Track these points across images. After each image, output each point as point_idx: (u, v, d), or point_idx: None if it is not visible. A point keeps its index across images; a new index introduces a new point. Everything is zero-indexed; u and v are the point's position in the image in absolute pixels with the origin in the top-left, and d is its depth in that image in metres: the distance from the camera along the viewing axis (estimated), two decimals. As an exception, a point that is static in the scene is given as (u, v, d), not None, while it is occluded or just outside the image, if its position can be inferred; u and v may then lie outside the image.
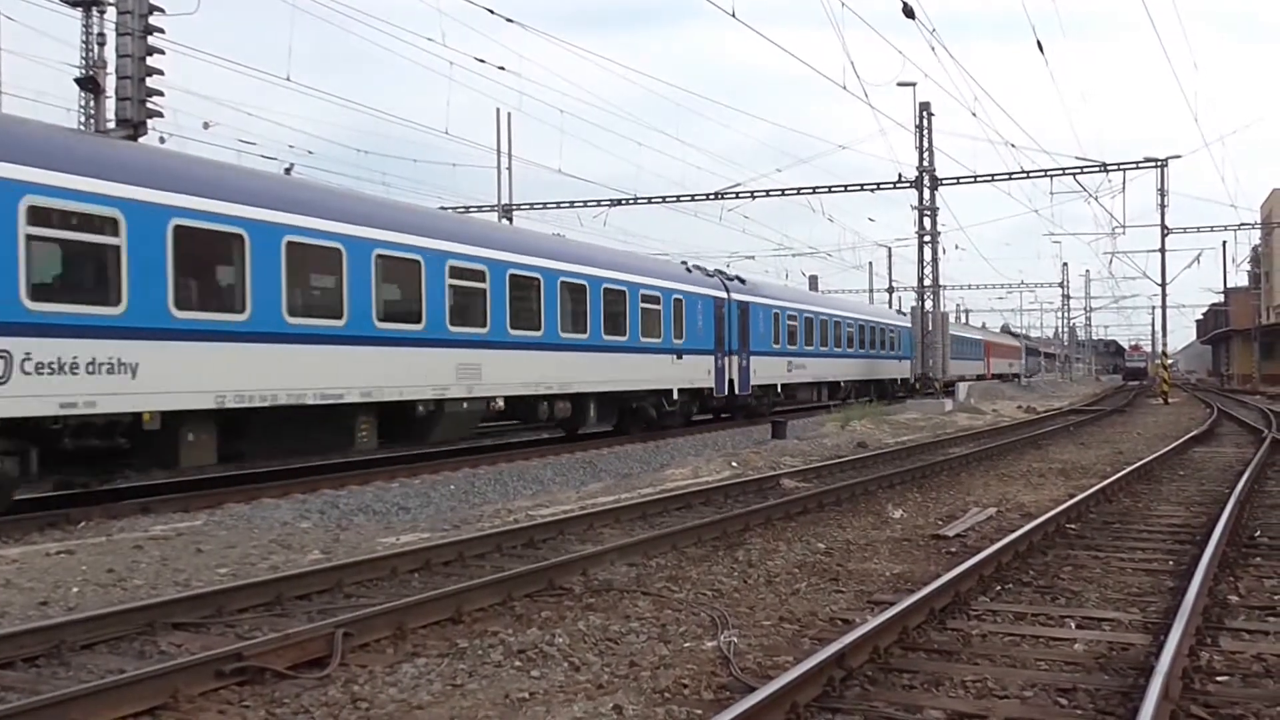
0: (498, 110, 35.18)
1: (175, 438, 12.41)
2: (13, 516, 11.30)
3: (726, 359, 27.20)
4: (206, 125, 34.93)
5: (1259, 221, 64.59)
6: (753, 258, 59.42)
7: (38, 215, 10.84)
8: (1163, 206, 39.47)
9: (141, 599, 7.44)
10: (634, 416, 23.87)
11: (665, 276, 24.92)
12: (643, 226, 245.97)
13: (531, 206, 42.00)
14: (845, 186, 38.76)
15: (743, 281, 29.99)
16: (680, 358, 24.70)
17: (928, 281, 37.34)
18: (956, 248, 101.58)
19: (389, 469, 16.24)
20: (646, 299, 23.39)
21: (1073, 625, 6.80)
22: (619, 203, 40.36)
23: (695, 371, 25.62)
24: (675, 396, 24.68)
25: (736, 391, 27.77)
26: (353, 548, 9.99)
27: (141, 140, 14.08)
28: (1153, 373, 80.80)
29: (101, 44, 17.68)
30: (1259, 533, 10.19)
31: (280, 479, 15.18)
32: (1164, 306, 44.05)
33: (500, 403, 18.21)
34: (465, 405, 17.25)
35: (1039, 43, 23.36)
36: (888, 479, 14.68)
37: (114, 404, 11.53)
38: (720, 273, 29.40)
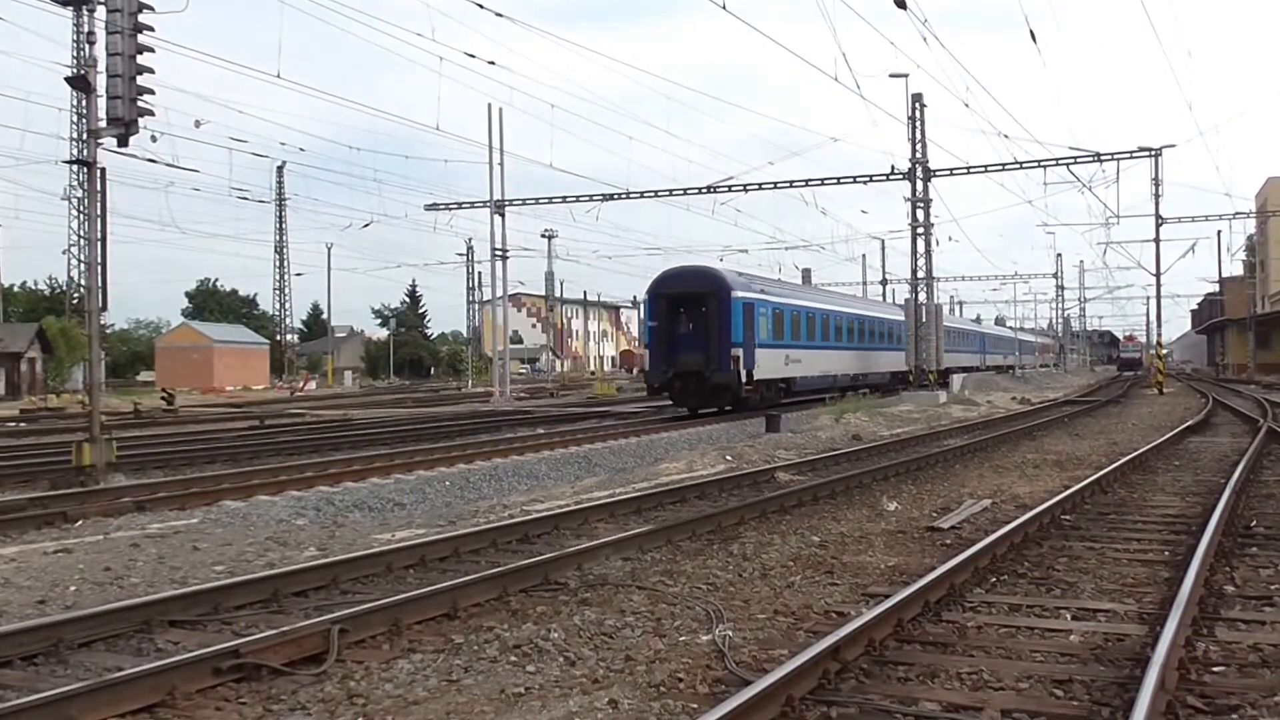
0: (489, 106, 35.12)
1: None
2: (10, 515, 11.33)
3: None
4: (198, 123, 34.65)
5: (1254, 210, 64.56)
6: (745, 251, 59.09)
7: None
8: (1157, 196, 39.45)
9: (139, 597, 7.43)
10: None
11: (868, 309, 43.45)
12: (634, 221, 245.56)
13: (524, 202, 41.97)
14: (838, 179, 38.73)
15: None
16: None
17: (921, 274, 37.35)
18: (950, 239, 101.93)
19: (384, 465, 16.24)
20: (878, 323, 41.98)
21: (1068, 617, 6.82)
22: (610, 197, 40.34)
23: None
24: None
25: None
26: (348, 544, 9.99)
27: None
28: (1147, 363, 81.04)
29: (92, 43, 17.60)
30: (1255, 522, 10.22)
31: (274, 476, 15.17)
32: (1159, 296, 43.93)
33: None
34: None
35: (1032, 33, 23.32)
36: (882, 472, 14.70)
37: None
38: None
